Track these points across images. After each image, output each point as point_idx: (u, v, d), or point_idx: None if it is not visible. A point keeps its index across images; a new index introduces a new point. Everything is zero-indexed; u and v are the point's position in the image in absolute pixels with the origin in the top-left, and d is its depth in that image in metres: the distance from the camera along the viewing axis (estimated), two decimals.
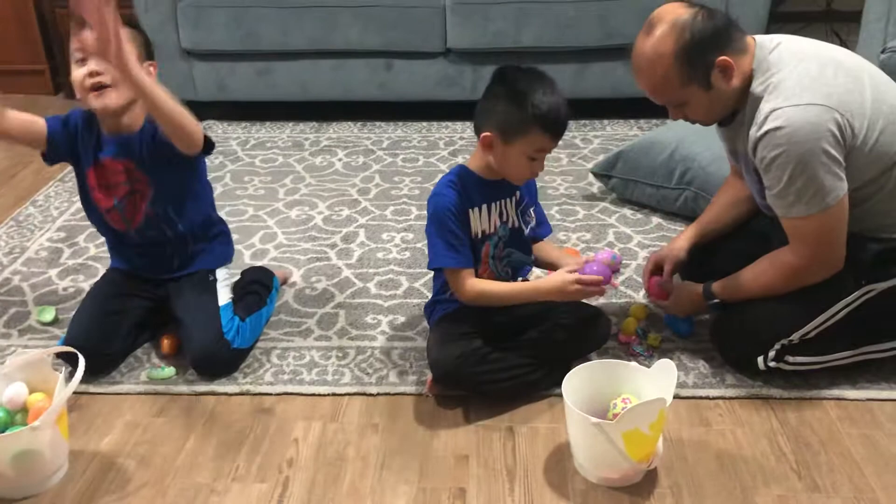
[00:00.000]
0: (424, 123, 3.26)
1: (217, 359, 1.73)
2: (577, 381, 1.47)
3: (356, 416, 1.63)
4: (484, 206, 1.66)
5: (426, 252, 2.22)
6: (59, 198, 2.66)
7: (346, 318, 1.96)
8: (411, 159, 2.93)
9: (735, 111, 1.62)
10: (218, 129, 3.25)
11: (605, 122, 3.23)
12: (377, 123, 3.27)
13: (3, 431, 1.45)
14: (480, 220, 1.66)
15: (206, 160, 1.90)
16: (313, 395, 1.69)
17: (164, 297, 1.84)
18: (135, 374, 1.76)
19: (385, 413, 1.64)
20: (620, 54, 3.07)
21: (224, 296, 1.82)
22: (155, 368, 1.76)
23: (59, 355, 1.73)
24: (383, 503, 1.41)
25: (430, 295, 2.01)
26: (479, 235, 1.67)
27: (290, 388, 1.71)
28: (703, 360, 1.76)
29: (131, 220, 1.79)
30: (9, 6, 3.60)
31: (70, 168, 2.79)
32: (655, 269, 1.88)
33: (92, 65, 1.63)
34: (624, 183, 2.47)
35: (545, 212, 1.86)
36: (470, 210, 1.64)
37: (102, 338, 1.74)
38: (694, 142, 2.37)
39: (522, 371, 1.63)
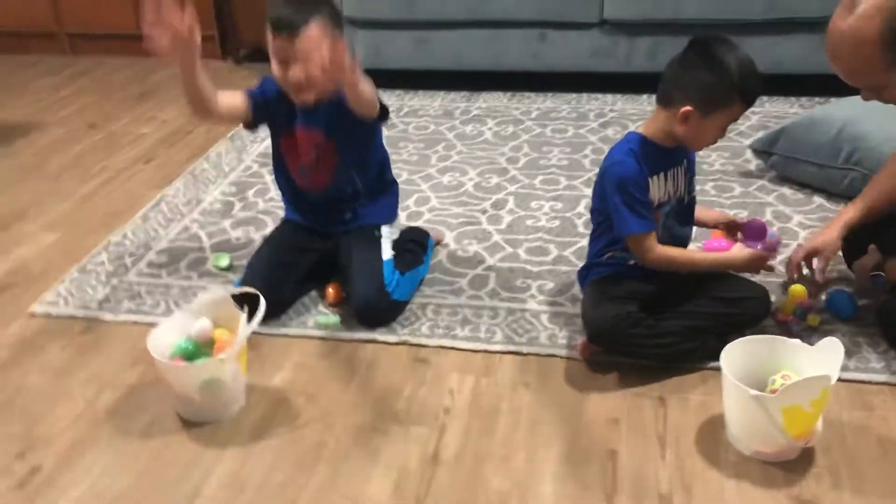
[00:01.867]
0: (574, 95, 3.26)
1: (378, 309, 1.83)
2: (737, 354, 1.47)
3: (508, 373, 1.69)
4: (661, 175, 1.66)
5: (574, 221, 2.27)
6: (228, 155, 2.84)
7: (497, 280, 2.01)
8: (560, 130, 2.94)
9: None
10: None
11: (764, 98, 3.11)
12: (527, 94, 3.29)
13: (191, 361, 1.59)
14: (658, 188, 1.67)
15: None
16: (467, 349, 1.76)
17: (332, 249, 1.96)
18: (302, 319, 1.89)
19: (536, 373, 1.68)
20: (783, 28, 2.96)
21: (387, 251, 1.92)
22: (322, 315, 1.88)
23: (235, 297, 1.88)
24: (536, 457, 1.46)
25: (579, 263, 2.05)
26: (655, 204, 1.68)
27: (444, 342, 1.78)
28: (867, 344, 1.70)
29: (317, 181, 1.91)
30: None
31: (237, 128, 3.02)
32: (807, 259, 1.82)
33: (296, 71, 1.73)
34: (785, 160, 2.40)
35: (700, 187, 1.85)
36: (650, 178, 1.65)
37: (275, 285, 1.86)
38: (863, 121, 2.26)
39: (676, 339, 1.63)
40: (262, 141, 2.94)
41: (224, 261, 2.12)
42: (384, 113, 1.85)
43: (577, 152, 2.74)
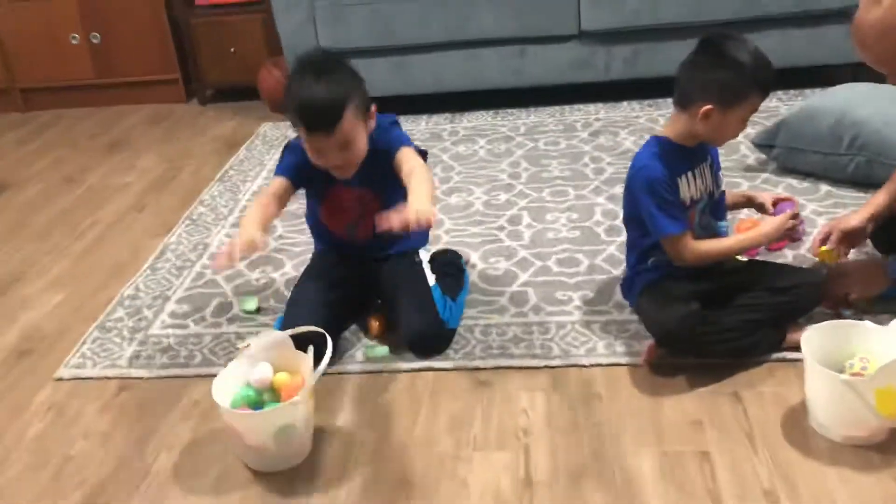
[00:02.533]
0: (557, 107, 3.28)
1: (436, 339, 1.79)
2: (815, 341, 1.48)
3: (576, 386, 1.67)
4: (689, 173, 1.68)
5: (594, 230, 2.27)
6: (223, 196, 2.77)
7: (537, 295, 1.99)
8: (552, 142, 2.95)
9: None
10: None
11: None
12: (510, 111, 3.30)
13: (256, 408, 1.53)
14: (689, 187, 1.68)
15: None
16: (527, 367, 1.73)
17: (372, 279, 1.91)
18: (349, 354, 1.83)
19: (604, 383, 1.67)
20: (756, 26, 3.03)
21: (430, 277, 1.88)
22: (371, 347, 1.82)
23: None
24: (630, 467, 1.44)
25: (612, 270, 2.05)
26: (688, 202, 1.69)
27: (502, 363, 1.75)
28: None
29: (364, 233, 1.87)
30: (144, 16, 3.76)
31: (225, 168, 2.94)
32: (825, 237, 1.86)
33: (335, 160, 1.70)
34: (787, 152, 2.45)
35: None
36: (678, 178, 1.66)
37: (322, 321, 1.79)
38: (861, 106, 2.33)
39: (739, 334, 1.64)
40: (253, 179, 2.88)
41: (252, 304, 2.05)
42: (424, 156, 1.83)
43: (576, 162, 2.75)
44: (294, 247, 2.36)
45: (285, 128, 3.38)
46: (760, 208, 1.88)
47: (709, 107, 1.58)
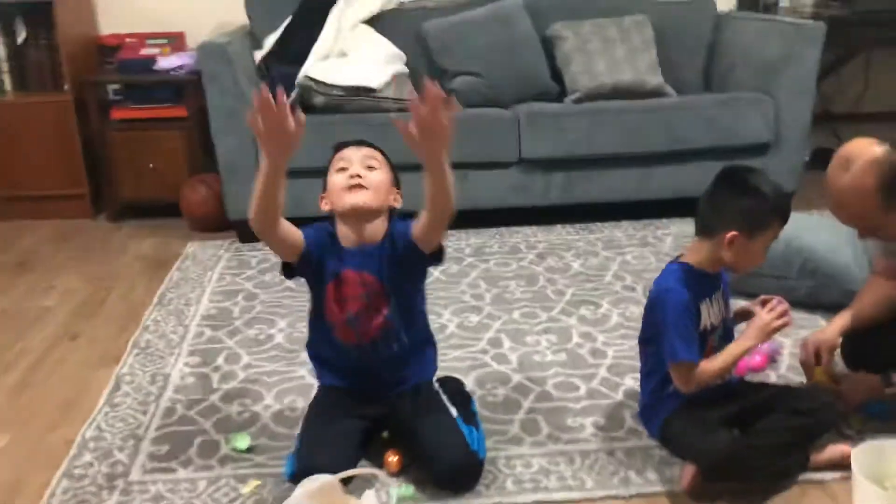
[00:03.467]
0: (495, 229, 3.34)
1: (469, 472, 1.70)
2: (861, 462, 1.53)
3: None
4: (709, 300, 1.74)
5: (578, 352, 2.29)
6: (167, 322, 2.57)
7: (548, 422, 1.96)
8: (503, 263, 2.99)
9: None
10: None
11: (666, 220, 3.39)
12: (452, 232, 3.31)
13: None
14: (709, 314, 1.74)
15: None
16: (567, 501, 1.68)
17: (387, 413, 1.81)
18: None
19: None
20: (682, 158, 3.28)
21: (452, 408, 1.81)
22: (397, 487, 1.71)
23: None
24: None
25: (611, 393, 2.06)
26: (708, 328, 1.75)
27: (540, 497, 1.69)
28: None
29: (364, 334, 1.78)
30: (51, 129, 3.53)
31: (163, 289, 2.75)
32: (817, 353, 1.97)
33: (354, 168, 1.79)
34: (742, 277, 2.60)
35: None
36: (700, 304, 1.72)
37: (339, 461, 1.68)
38: (802, 235, 2.53)
39: (776, 458, 1.67)
40: (196, 302, 2.70)
41: (244, 442, 1.88)
42: (441, 252, 1.79)
43: (534, 284, 2.79)
44: (267, 377, 2.21)
45: (214, 247, 3.23)
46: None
47: (734, 233, 1.66)
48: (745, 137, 3.24)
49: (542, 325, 2.48)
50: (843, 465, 1.73)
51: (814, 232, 2.56)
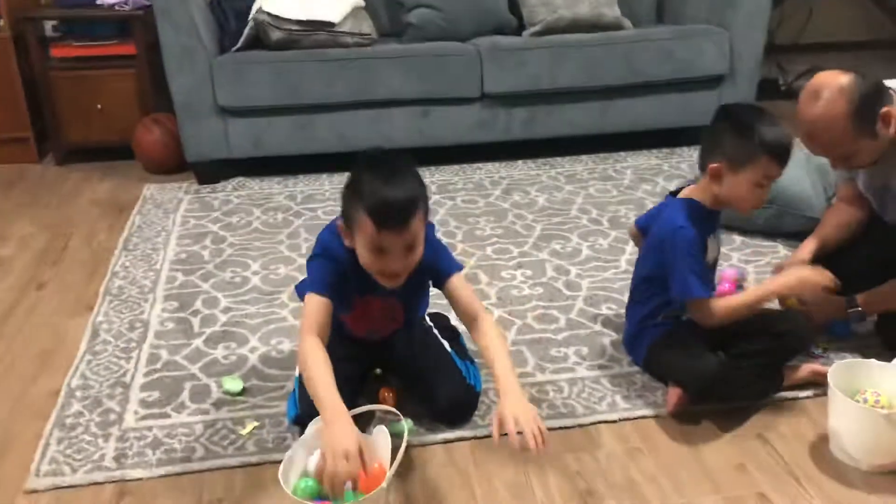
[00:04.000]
0: (458, 166, 3.35)
1: (467, 405, 1.75)
2: (837, 379, 1.63)
3: (613, 443, 1.71)
4: (711, 236, 1.79)
5: (554, 286, 2.34)
6: (137, 267, 2.52)
7: (533, 353, 2.02)
8: (470, 200, 3.01)
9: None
10: (255, 186, 3.19)
11: (624, 153, 3.45)
12: None
13: (316, 499, 1.41)
14: (712, 249, 1.80)
15: (274, 219, 1.75)
16: (560, 427, 1.75)
17: (380, 352, 1.83)
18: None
19: (640, 437, 1.72)
20: (640, 91, 3.32)
21: (445, 343, 1.84)
22: (395, 423, 1.74)
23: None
24: None
25: (591, 325, 2.13)
26: (711, 263, 1.81)
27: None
28: (877, 355, 1.96)
29: (381, 333, 1.80)
30: None
31: (124, 233, 2.69)
32: None
33: (397, 263, 1.54)
34: None
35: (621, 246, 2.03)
36: (706, 240, 1.77)
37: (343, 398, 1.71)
38: None
39: (758, 378, 1.77)
40: (163, 247, 2.65)
41: (237, 385, 1.89)
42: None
43: (503, 220, 2.83)
44: (249, 318, 2.20)
45: (173, 190, 3.16)
46: None
47: (717, 164, 1.71)
48: (701, 69, 3.30)
49: (515, 261, 2.53)
50: (814, 382, 1.85)
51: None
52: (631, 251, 2.55)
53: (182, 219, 2.89)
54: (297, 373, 1.80)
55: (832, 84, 1.78)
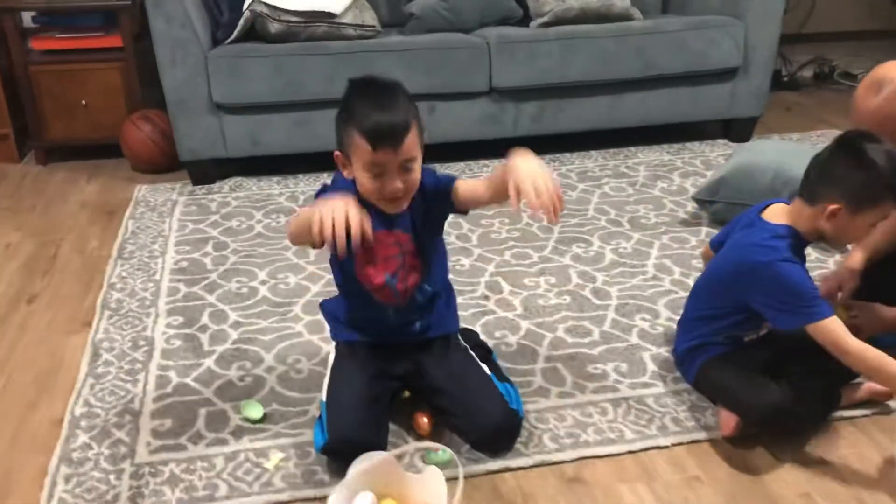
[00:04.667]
0: (463, 164, 3.22)
1: (510, 431, 1.64)
2: None
3: (669, 470, 1.60)
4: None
5: (581, 293, 2.23)
6: (135, 278, 2.36)
7: (570, 371, 1.90)
8: None
9: None
10: (253, 187, 3.03)
11: (634, 148, 3.34)
12: None
13: None
14: None
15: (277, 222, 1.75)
16: (610, 455, 1.63)
17: (413, 371, 1.70)
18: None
19: (695, 463, 1.61)
20: (652, 84, 3.20)
21: (482, 364, 1.72)
22: (433, 452, 1.62)
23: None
24: None
25: (626, 337, 2.02)
26: None
27: (582, 452, 1.63)
28: None
29: (403, 294, 1.65)
30: None
31: (118, 240, 2.52)
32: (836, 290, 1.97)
33: (396, 183, 1.50)
34: (729, 207, 2.57)
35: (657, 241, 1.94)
36: None
37: (371, 428, 1.58)
38: (789, 166, 2.50)
39: (816, 405, 1.66)
40: (161, 254, 2.50)
41: (257, 411, 1.75)
42: None
43: (517, 222, 2.70)
44: (261, 334, 2.06)
45: (166, 191, 3.00)
46: None
47: (837, 207, 1.55)
48: (715, 62, 3.19)
49: (537, 266, 2.40)
50: (873, 401, 1.75)
51: (799, 162, 2.54)
52: (657, 255, 2.44)
53: (179, 223, 2.73)
54: (323, 396, 1.67)
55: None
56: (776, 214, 1.68)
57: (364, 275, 1.63)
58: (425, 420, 1.68)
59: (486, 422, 1.61)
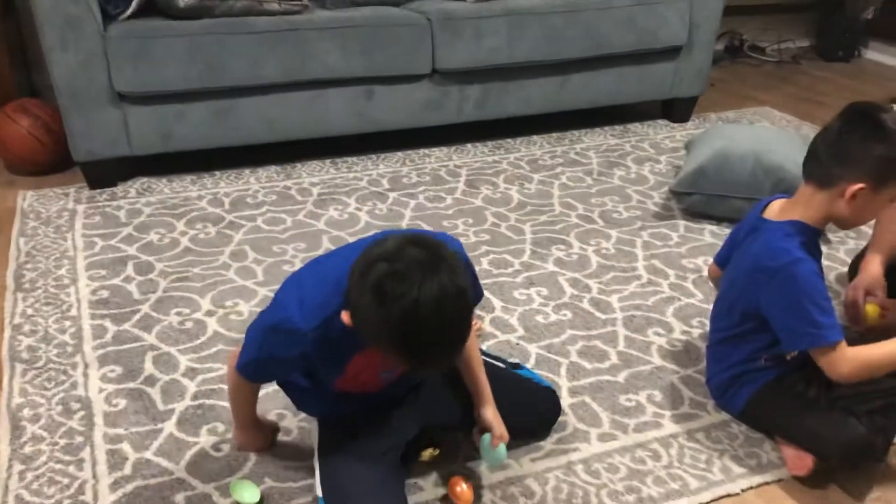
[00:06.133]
0: (402, 154, 2.91)
1: (556, 408, 1.55)
2: None
3: None
4: (819, 264, 1.50)
5: (580, 306, 2.00)
6: (44, 314, 1.91)
7: (602, 405, 1.67)
8: (436, 198, 2.58)
9: None
10: (165, 189, 2.59)
11: (576, 132, 3.15)
12: (348, 159, 2.85)
13: None
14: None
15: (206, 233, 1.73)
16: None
17: (423, 414, 1.43)
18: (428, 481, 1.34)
19: None
20: (600, 64, 3.01)
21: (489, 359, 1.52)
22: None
23: None
24: None
25: (647, 358, 1.83)
26: None
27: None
28: None
29: (396, 378, 1.38)
30: None
31: (12, 266, 2.06)
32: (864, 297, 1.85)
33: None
34: (707, 199, 2.42)
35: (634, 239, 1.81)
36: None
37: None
38: (770, 151, 2.39)
39: (889, 428, 1.52)
40: (73, 282, 2.06)
41: (252, 493, 1.41)
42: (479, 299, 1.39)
43: (482, 221, 2.44)
44: (226, 384, 1.70)
45: (58, 198, 2.51)
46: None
47: (861, 186, 1.41)
48: (663, 40, 3.03)
49: (522, 275, 2.15)
50: None
51: (781, 146, 2.43)
52: (644, 256, 2.26)
53: (84, 240, 2.27)
54: (318, 491, 1.35)
55: None
56: (780, 211, 1.53)
57: (350, 385, 1.34)
58: (466, 489, 1.40)
59: (545, 402, 1.54)
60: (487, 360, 1.52)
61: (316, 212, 2.47)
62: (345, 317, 1.13)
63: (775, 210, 1.55)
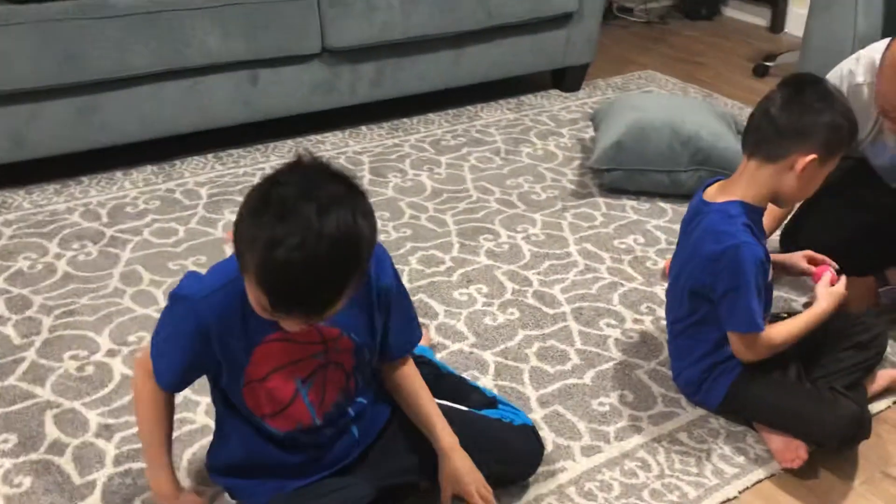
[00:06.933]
0: (292, 142, 2.66)
1: (537, 451, 1.39)
2: None
3: None
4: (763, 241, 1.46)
5: (528, 303, 1.89)
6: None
7: (577, 413, 1.56)
8: None
9: None
10: (23, 203, 2.23)
11: (473, 108, 3.01)
12: (237, 152, 2.57)
13: None
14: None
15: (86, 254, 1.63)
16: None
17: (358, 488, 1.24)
18: None
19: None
20: (493, 35, 2.87)
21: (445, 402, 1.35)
22: None
23: None
24: None
25: (602, 352, 1.74)
26: (770, 278, 1.48)
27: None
28: None
29: (320, 404, 1.18)
30: None
31: None
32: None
33: (299, 327, 1.05)
34: (627, 174, 2.35)
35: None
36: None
37: None
38: (683, 122, 2.34)
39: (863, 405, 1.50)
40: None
41: None
42: None
43: (399, 215, 2.26)
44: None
45: None
46: (801, 274, 1.68)
47: (813, 157, 1.36)
48: (555, 7, 2.92)
49: (457, 273, 2.00)
50: (890, 389, 1.64)
51: (692, 115, 2.39)
52: (574, 241, 2.16)
53: None
54: None
55: None
56: (719, 191, 1.48)
57: (267, 390, 1.15)
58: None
59: (522, 456, 1.36)
60: (443, 404, 1.32)
61: (210, 217, 2.20)
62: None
63: (714, 192, 1.50)
